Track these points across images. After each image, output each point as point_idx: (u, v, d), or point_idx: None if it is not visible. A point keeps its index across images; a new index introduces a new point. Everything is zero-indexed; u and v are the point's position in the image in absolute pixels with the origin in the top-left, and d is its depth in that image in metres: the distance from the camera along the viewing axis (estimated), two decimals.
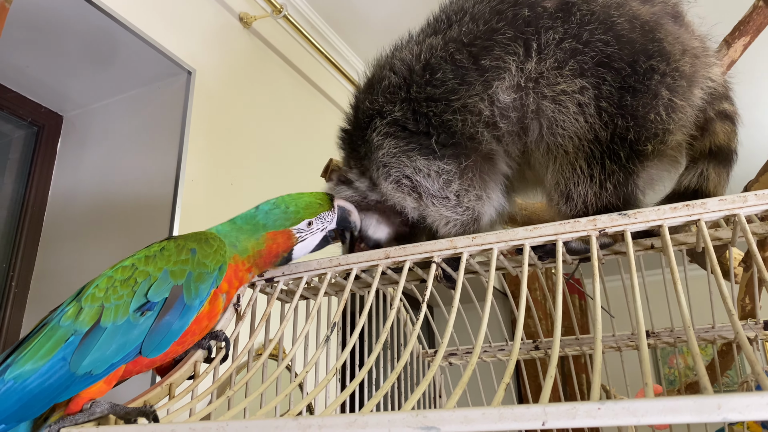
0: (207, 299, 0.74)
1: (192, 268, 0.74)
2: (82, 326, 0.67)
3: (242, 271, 0.82)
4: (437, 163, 0.91)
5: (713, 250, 0.72)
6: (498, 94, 0.88)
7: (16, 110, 1.91)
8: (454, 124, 0.90)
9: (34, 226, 1.91)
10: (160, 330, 0.70)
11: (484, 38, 0.90)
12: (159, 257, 0.74)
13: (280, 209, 0.87)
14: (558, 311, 0.62)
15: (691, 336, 0.54)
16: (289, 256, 0.87)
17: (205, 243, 0.77)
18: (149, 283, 0.71)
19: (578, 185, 0.86)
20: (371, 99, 0.96)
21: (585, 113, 0.85)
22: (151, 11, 1.80)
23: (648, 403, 0.42)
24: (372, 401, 0.57)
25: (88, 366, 0.65)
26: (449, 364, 1.51)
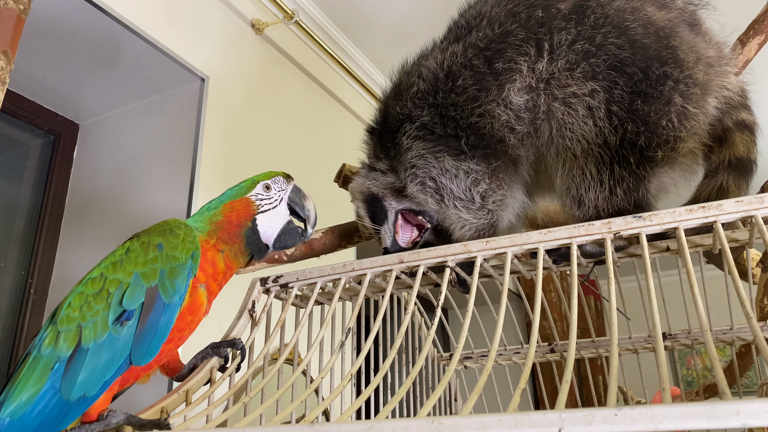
0: (187, 293, 0.71)
1: (163, 264, 0.70)
2: (63, 352, 0.65)
3: (209, 251, 0.77)
4: (467, 163, 0.92)
5: (730, 251, 0.71)
6: (510, 97, 0.89)
7: (33, 119, 1.94)
8: (483, 127, 0.91)
9: (52, 234, 1.93)
10: (145, 336, 0.67)
11: (498, 41, 0.90)
12: (126, 261, 0.71)
13: (235, 186, 0.86)
14: (573, 315, 0.62)
15: (709, 340, 0.53)
16: (254, 227, 0.82)
17: (170, 234, 0.73)
18: (122, 290, 0.68)
19: (589, 190, 0.86)
20: (401, 104, 0.98)
21: (594, 117, 0.85)
22: (164, 19, 1.82)
23: (665, 409, 0.42)
24: (387, 407, 0.57)
25: (80, 390, 0.63)
26: (464, 368, 1.50)
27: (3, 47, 1.06)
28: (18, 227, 1.90)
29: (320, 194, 2.35)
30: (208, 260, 0.77)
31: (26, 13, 1.12)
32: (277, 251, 0.99)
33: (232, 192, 0.85)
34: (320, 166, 2.40)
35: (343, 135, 2.70)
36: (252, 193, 0.84)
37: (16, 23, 1.09)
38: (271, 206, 0.85)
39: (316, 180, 2.34)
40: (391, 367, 1.18)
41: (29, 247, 1.89)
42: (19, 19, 1.10)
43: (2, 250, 1.84)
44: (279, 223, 0.85)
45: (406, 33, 2.63)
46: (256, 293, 0.91)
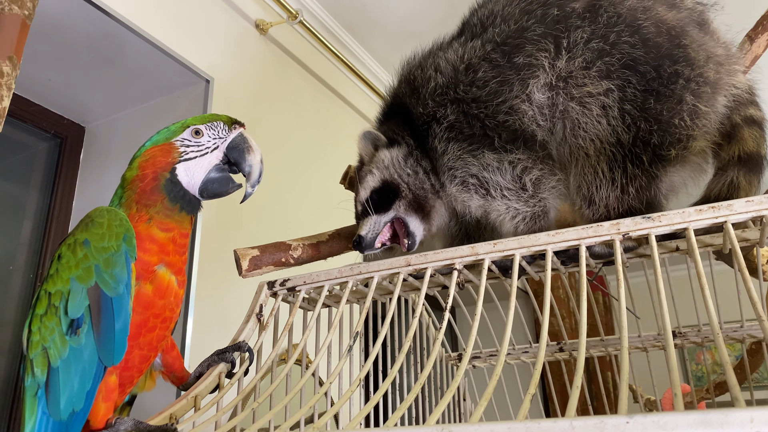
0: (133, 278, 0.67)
1: (95, 260, 0.66)
2: (40, 377, 0.64)
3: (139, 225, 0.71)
4: (510, 155, 0.90)
5: (743, 251, 0.71)
6: (534, 93, 0.89)
7: (39, 122, 1.94)
8: (512, 124, 0.90)
9: (60, 237, 1.94)
10: (105, 336, 0.64)
11: (515, 36, 0.90)
12: (61, 269, 0.68)
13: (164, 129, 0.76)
14: (582, 321, 0.61)
15: (721, 345, 0.53)
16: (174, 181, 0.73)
17: (93, 226, 0.69)
18: (65, 300, 0.65)
19: (600, 189, 0.86)
20: (423, 103, 0.96)
21: (608, 115, 0.85)
22: (168, 22, 1.82)
23: (678, 417, 0.41)
24: (396, 413, 0.57)
25: (67, 408, 0.63)
26: (473, 367, 1.50)
27: (8, 53, 1.06)
28: (26, 230, 1.90)
29: (326, 195, 2.35)
30: (144, 237, 0.71)
31: (31, 18, 1.12)
32: (284, 255, 0.99)
33: (158, 136, 0.76)
34: (326, 166, 2.40)
35: (349, 134, 2.69)
36: (177, 138, 0.75)
37: (21, 28, 1.09)
38: (199, 153, 0.75)
39: (322, 179, 2.35)
40: (399, 369, 1.18)
41: (37, 250, 1.90)
42: (23, 24, 1.10)
43: (11, 253, 1.85)
44: (204, 168, 0.75)
45: (412, 32, 2.63)
46: (263, 297, 0.91)
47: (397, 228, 0.99)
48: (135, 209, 0.72)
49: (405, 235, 0.98)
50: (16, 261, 1.85)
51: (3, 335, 1.77)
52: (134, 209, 0.72)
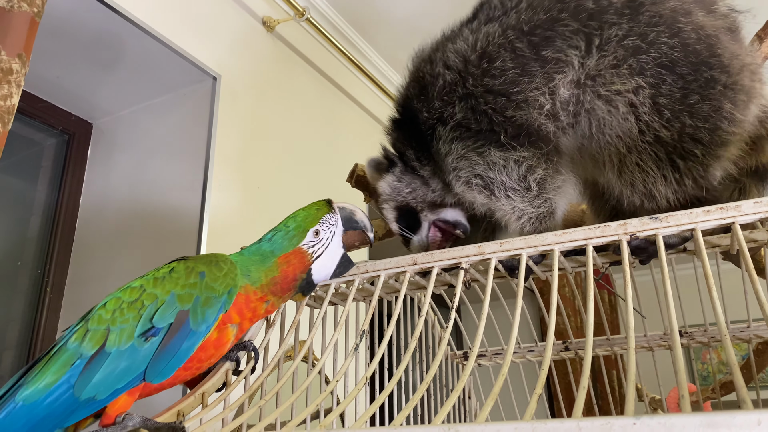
0: (214, 325, 0.72)
1: (200, 292, 0.71)
2: (87, 350, 0.67)
3: (254, 302, 0.78)
4: (516, 152, 0.88)
5: (750, 251, 0.70)
6: (559, 89, 0.87)
7: (47, 119, 1.95)
8: (519, 119, 0.88)
9: (67, 232, 1.95)
10: (164, 356, 0.68)
11: (546, 28, 0.87)
12: (168, 279, 0.72)
13: (282, 231, 0.83)
14: (589, 318, 0.61)
15: (728, 345, 0.52)
16: (309, 278, 0.83)
17: (215, 266, 0.75)
18: (156, 306, 0.70)
19: (657, 184, 0.85)
20: (428, 106, 0.94)
21: (638, 113, 0.83)
22: (176, 19, 1.82)
23: (685, 418, 0.41)
24: (402, 413, 0.57)
25: (91, 391, 0.65)
26: (478, 366, 1.50)
27: (18, 50, 1.07)
28: (34, 226, 1.92)
29: (332, 192, 2.35)
30: (250, 308, 0.78)
31: (40, 16, 1.12)
32: None
33: (283, 242, 0.83)
34: (332, 163, 2.40)
35: (355, 132, 2.70)
36: (304, 242, 0.82)
37: (30, 26, 1.10)
38: (324, 248, 0.84)
39: (327, 177, 2.35)
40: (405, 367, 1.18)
41: (45, 246, 1.91)
42: (33, 22, 1.11)
43: (18, 249, 1.86)
44: (333, 261, 0.85)
45: (418, 29, 2.62)
46: None
47: (441, 227, 1.00)
48: (260, 293, 0.79)
49: (452, 228, 0.99)
50: (23, 256, 1.86)
51: (10, 330, 1.78)
52: (263, 293, 0.79)
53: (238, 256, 0.82)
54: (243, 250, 0.84)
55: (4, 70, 1.05)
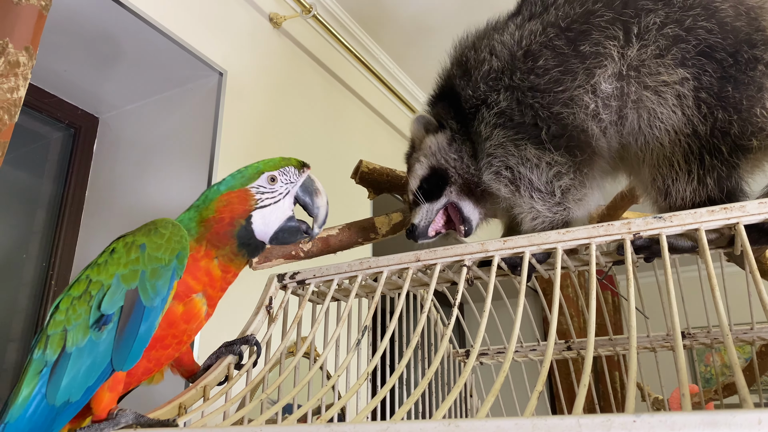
0: (170, 296, 0.68)
1: (144, 265, 0.67)
2: (50, 356, 0.65)
3: (201, 259, 0.73)
4: (550, 154, 0.88)
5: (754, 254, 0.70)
6: (600, 84, 0.85)
7: (54, 113, 1.96)
8: (566, 117, 0.87)
9: (73, 226, 1.96)
10: (125, 341, 0.65)
11: (581, 21, 0.86)
12: (110, 262, 0.68)
13: (238, 172, 0.78)
14: (591, 317, 0.61)
15: (730, 345, 0.52)
16: (248, 226, 0.75)
17: (155, 234, 0.70)
18: (102, 293, 0.66)
19: (677, 181, 0.83)
20: (473, 86, 0.93)
21: (683, 105, 0.81)
22: (182, 14, 1.82)
23: (685, 417, 0.41)
24: (403, 408, 0.57)
25: (64, 395, 0.63)
26: (480, 364, 1.50)
27: (25, 43, 1.07)
28: (39, 219, 1.92)
29: (337, 188, 2.35)
30: (202, 269, 0.73)
31: (47, 9, 1.13)
32: (294, 248, 0.99)
33: (232, 181, 0.78)
34: (337, 160, 2.40)
35: (361, 128, 2.70)
36: (254, 184, 0.77)
37: (37, 19, 1.10)
38: (273, 200, 0.78)
39: (333, 174, 2.35)
40: (407, 364, 1.18)
41: (50, 239, 1.92)
42: (40, 15, 1.11)
43: (24, 242, 1.87)
44: (279, 218, 0.78)
45: (425, 27, 2.62)
46: (273, 289, 0.91)
47: (452, 214, 0.98)
48: (204, 245, 0.74)
49: (460, 221, 0.98)
50: (29, 249, 1.87)
51: (15, 322, 1.79)
52: (203, 245, 0.74)
53: (186, 212, 0.77)
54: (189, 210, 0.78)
55: (11, 63, 1.05)
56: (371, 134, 2.76)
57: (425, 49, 2.77)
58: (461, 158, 0.96)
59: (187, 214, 0.77)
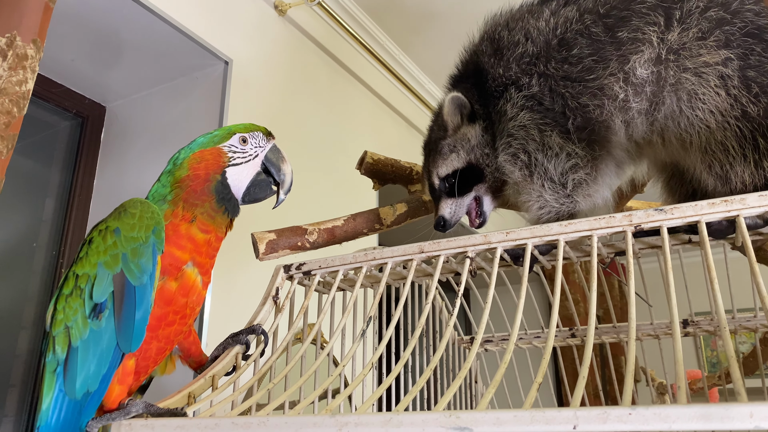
0: (157, 271, 0.69)
1: (123, 248, 0.68)
2: (60, 355, 0.67)
3: (179, 224, 0.74)
4: (572, 145, 0.87)
5: (756, 243, 0.71)
6: (635, 69, 0.84)
7: (61, 102, 1.97)
8: (592, 111, 0.86)
9: (81, 214, 1.98)
10: (125, 323, 0.67)
11: (621, 8, 0.85)
12: (91, 253, 0.70)
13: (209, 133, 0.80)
14: (591, 313, 0.62)
15: (727, 338, 0.53)
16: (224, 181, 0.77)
17: (125, 215, 0.71)
18: (91, 284, 0.68)
19: (734, 166, 0.81)
20: (504, 66, 0.92)
21: (727, 85, 0.80)
22: (187, 3, 1.83)
23: (679, 410, 0.42)
24: (407, 397, 0.58)
25: (82, 388, 0.65)
26: (485, 350, 1.52)
27: (32, 36, 1.08)
28: (48, 208, 1.94)
29: (343, 177, 2.36)
30: (184, 236, 0.74)
31: (54, 2, 1.13)
32: (300, 239, 1.01)
33: (203, 139, 0.79)
34: (343, 148, 2.41)
35: (367, 116, 2.70)
36: (226, 143, 0.79)
37: (44, 12, 1.11)
38: (245, 159, 0.80)
39: (340, 161, 2.36)
40: (412, 351, 1.20)
41: (60, 228, 1.94)
42: (47, 7, 1.12)
43: (34, 230, 1.90)
44: (249, 175, 0.81)
45: (430, 13, 2.61)
46: (279, 280, 0.93)
47: (470, 206, 1.00)
48: (181, 207, 0.75)
49: (477, 214, 0.99)
50: (39, 238, 1.90)
51: (27, 310, 1.82)
52: (180, 207, 0.75)
53: (156, 183, 0.79)
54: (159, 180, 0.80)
55: (19, 56, 1.06)
56: (377, 122, 2.76)
57: (431, 36, 2.76)
58: (492, 153, 0.96)
59: (158, 183, 0.79)
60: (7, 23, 1.05)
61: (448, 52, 3.21)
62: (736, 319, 1.30)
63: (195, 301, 0.76)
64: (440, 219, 0.98)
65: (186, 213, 0.75)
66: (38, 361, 1.77)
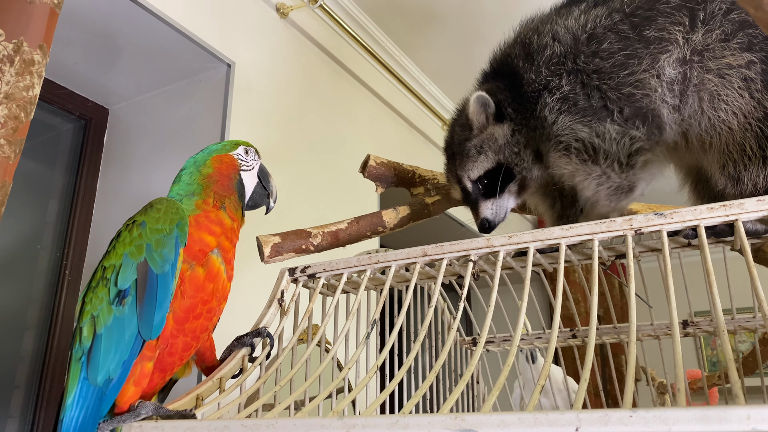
0: (179, 260, 0.74)
1: (148, 239, 0.73)
2: (85, 344, 0.70)
3: (212, 211, 0.81)
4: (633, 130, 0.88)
5: (755, 244, 0.72)
6: (664, 68, 0.86)
7: (65, 104, 1.98)
8: (640, 99, 0.87)
9: (85, 216, 1.99)
10: (147, 309, 0.70)
11: (646, 8, 0.87)
12: (118, 245, 0.75)
13: (217, 143, 0.90)
14: (593, 317, 0.64)
15: (726, 341, 0.55)
16: (241, 183, 0.88)
17: (152, 210, 0.77)
18: (116, 272, 0.72)
19: (749, 167, 0.82)
20: (535, 71, 0.93)
21: (751, 88, 0.81)
22: (190, 6, 1.84)
23: (679, 412, 0.44)
24: (412, 401, 0.60)
25: (104, 374, 0.68)
26: (486, 351, 1.53)
27: (39, 41, 1.09)
28: (52, 210, 1.96)
29: (345, 179, 2.37)
30: (214, 220, 0.80)
31: (60, 7, 1.14)
32: (304, 242, 1.02)
33: (216, 147, 0.89)
34: (345, 150, 2.42)
35: (369, 118, 2.71)
36: (235, 152, 0.89)
37: (50, 18, 1.12)
38: (249, 168, 0.90)
39: (342, 163, 2.37)
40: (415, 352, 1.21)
41: (63, 229, 1.95)
42: (53, 13, 1.13)
43: (38, 232, 1.91)
44: (252, 183, 0.91)
45: (432, 14, 2.62)
46: (284, 283, 0.94)
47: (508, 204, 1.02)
48: (212, 197, 0.83)
49: None
50: (42, 239, 1.91)
51: (31, 311, 1.83)
52: (211, 197, 0.83)
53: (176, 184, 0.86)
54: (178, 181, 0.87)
55: (26, 62, 1.07)
56: (378, 123, 2.77)
57: (432, 38, 2.77)
58: (520, 152, 0.98)
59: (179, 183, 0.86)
60: (13, 29, 1.06)
61: (449, 54, 3.23)
62: (735, 320, 1.31)
63: (221, 292, 0.79)
64: (484, 221, 0.99)
65: (216, 202, 0.83)
66: (43, 362, 1.78)
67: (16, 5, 1.07)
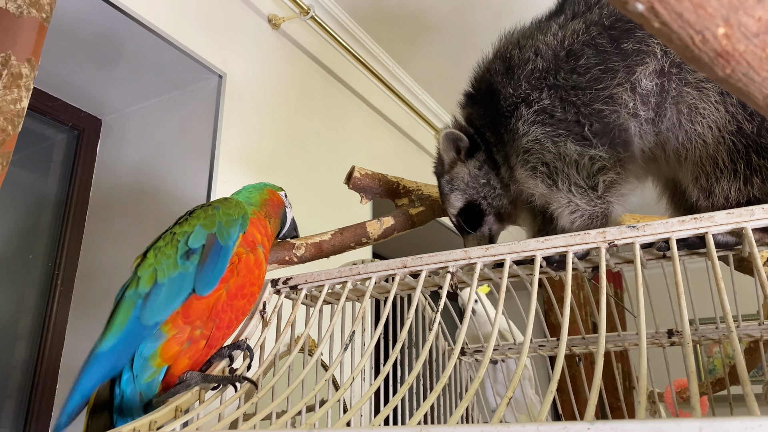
0: (238, 241, 0.86)
1: (220, 218, 0.86)
2: (143, 289, 0.80)
3: (262, 219, 0.95)
4: (593, 150, 0.89)
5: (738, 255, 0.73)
6: (641, 80, 0.86)
7: (57, 115, 1.99)
8: (608, 115, 0.88)
9: (77, 226, 2.00)
10: (206, 269, 0.81)
11: (626, 20, 0.87)
12: (191, 218, 0.87)
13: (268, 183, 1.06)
14: (564, 333, 0.65)
15: (690, 353, 0.56)
16: (284, 216, 1.03)
17: (226, 201, 0.91)
18: (188, 236, 0.84)
19: (720, 180, 0.83)
20: (514, 84, 0.94)
21: (726, 102, 0.82)
22: (181, 18, 1.85)
23: (635, 425, 0.45)
24: (413, 420, 0.60)
25: (155, 316, 0.77)
26: (475, 361, 1.53)
27: (27, 55, 1.11)
28: (45, 220, 1.97)
29: (338, 189, 2.38)
30: (262, 224, 0.94)
31: (48, 21, 1.16)
32: (288, 253, 1.03)
33: (267, 184, 1.05)
34: (338, 161, 2.43)
35: (361, 129, 2.72)
36: (281, 193, 1.05)
37: (38, 31, 1.13)
38: (288, 206, 1.05)
39: (333, 174, 2.38)
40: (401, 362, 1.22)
41: (56, 239, 1.96)
42: (41, 27, 1.15)
43: (30, 242, 1.92)
44: (290, 218, 1.05)
45: (424, 26, 2.64)
46: (266, 294, 0.95)
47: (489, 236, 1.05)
48: (264, 212, 0.97)
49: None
50: (35, 249, 1.92)
51: (23, 321, 1.84)
52: (263, 212, 0.97)
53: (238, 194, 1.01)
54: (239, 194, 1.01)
55: (14, 75, 1.09)
56: (371, 133, 2.78)
57: (424, 48, 2.79)
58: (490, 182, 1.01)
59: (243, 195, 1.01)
60: (1, 43, 1.08)
61: (441, 64, 3.24)
62: (719, 329, 1.32)
63: (259, 280, 0.89)
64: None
65: (266, 216, 0.97)
66: (34, 372, 1.79)
67: (4, 19, 1.08)
